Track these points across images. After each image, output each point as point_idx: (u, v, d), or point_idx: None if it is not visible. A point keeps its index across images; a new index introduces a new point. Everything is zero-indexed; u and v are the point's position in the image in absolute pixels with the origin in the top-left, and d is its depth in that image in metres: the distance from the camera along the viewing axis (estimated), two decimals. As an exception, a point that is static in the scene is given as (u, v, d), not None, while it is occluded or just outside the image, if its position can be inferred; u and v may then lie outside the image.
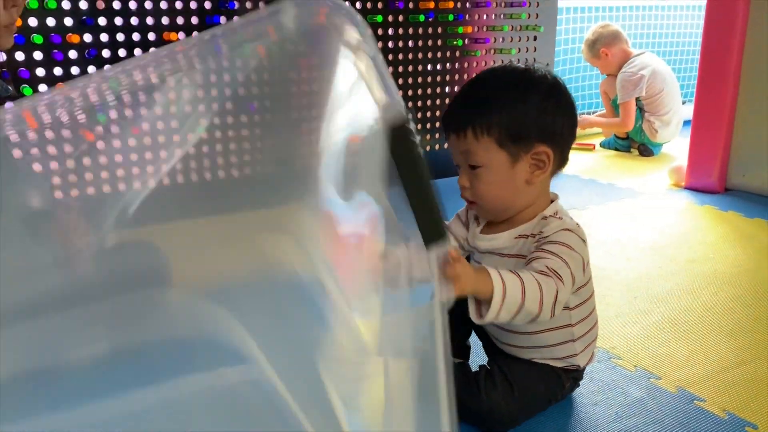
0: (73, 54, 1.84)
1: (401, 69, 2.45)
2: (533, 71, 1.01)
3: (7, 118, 0.56)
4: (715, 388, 1.17)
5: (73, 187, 1.90)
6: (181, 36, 1.98)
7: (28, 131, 0.70)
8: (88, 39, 1.85)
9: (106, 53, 1.88)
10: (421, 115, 2.56)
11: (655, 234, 1.99)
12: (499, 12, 2.63)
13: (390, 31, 2.39)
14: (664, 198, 2.38)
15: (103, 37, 1.87)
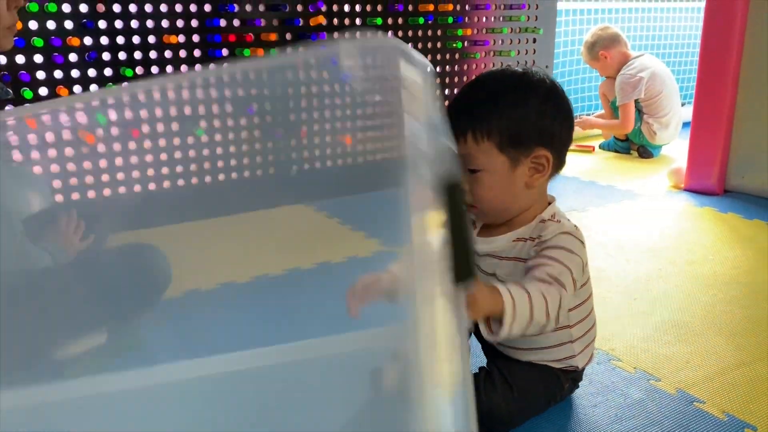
0: (74, 57, 1.84)
1: (401, 71, 2.45)
2: (531, 74, 1.02)
3: (9, 123, 0.56)
4: (715, 389, 1.17)
5: (74, 190, 1.90)
6: (182, 39, 1.98)
7: (28, 133, 0.70)
8: (88, 42, 1.86)
9: (106, 56, 1.89)
10: (421, 118, 2.56)
11: (655, 236, 1.99)
12: (499, 14, 2.63)
13: (389, 34, 2.39)
14: (663, 200, 2.38)
15: (104, 40, 1.88)
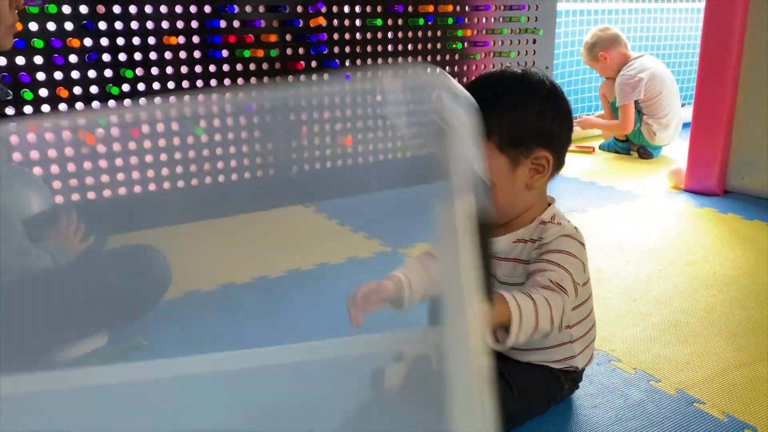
0: (74, 58, 1.84)
1: (401, 72, 2.46)
2: (531, 75, 1.02)
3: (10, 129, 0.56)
4: (715, 390, 1.17)
5: (74, 191, 1.90)
6: (182, 40, 1.98)
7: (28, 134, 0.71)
8: (88, 43, 1.86)
9: (106, 57, 1.89)
10: (421, 119, 2.56)
11: (655, 236, 1.99)
12: (499, 15, 2.63)
13: (389, 35, 2.39)
14: (663, 200, 2.38)
15: (104, 41, 1.88)
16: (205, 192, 2.13)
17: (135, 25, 1.91)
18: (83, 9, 1.83)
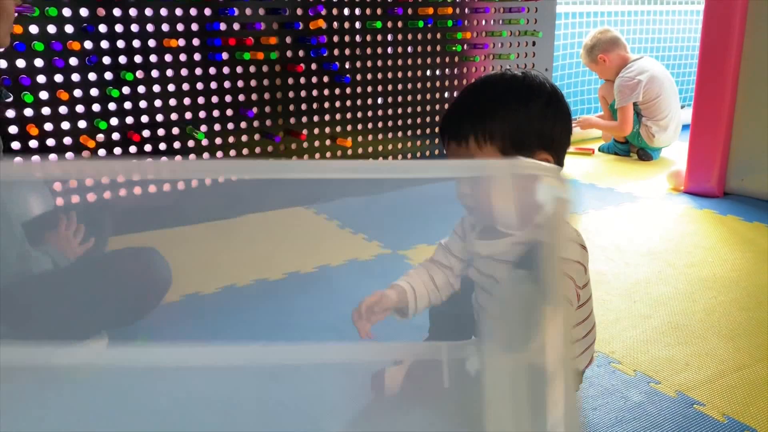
0: (74, 61, 1.85)
1: (400, 75, 2.46)
2: (532, 78, 1.02)
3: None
4: (715, 392, 1.17)
5: (74, 193, 1.90)
6: (182, 43, 1.98)
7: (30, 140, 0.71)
8: (88, 46, 1.86)
9: (106, 60, 1.89)
10: (420, 121, 2.57)
11: (654, 238, 1.99)
12: (498, 18, 2.64)
13: (389, 37, 2.40)
14: (663, 202, 2.38)
15: (104, 44, 1.88)
16: (205, 194, 2.13)
17: (135, 28, 1.92)
18: (83, 12, 1.84)
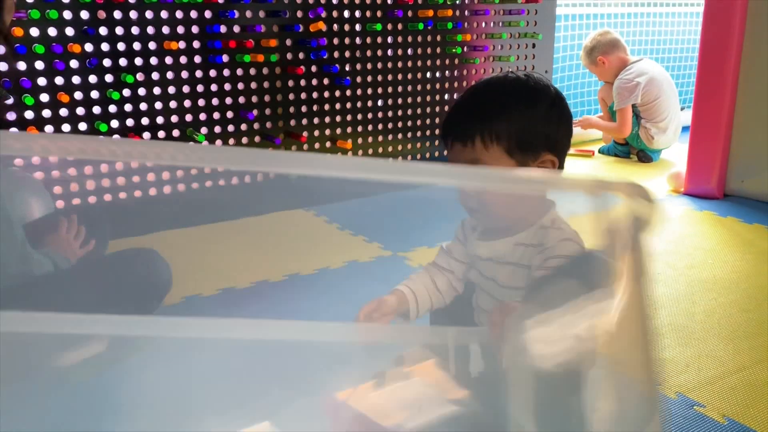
0: (75, 63, 1.85)
1: (400, 77, 2.46)
2: (537, 80, 1.02)
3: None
4: (715, 393, 1.17)
5: (75, 196, 1.90)
6: (182, 45, 1.99)
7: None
8: (89, 48, 1.86)
9: (107, 62, 1.89)
10: (421, 123, 2.57)
11: (654, 240, 1.99)
12: (498, 20, 2.64)
13: (389, 40, 2.40)
14: (663, 204, 2.38)
15: (104, 47, 1.89)
16: (206, 196, 2.13)
17: (136, 30, 1.92)
18: (84, 14, 1.84)
